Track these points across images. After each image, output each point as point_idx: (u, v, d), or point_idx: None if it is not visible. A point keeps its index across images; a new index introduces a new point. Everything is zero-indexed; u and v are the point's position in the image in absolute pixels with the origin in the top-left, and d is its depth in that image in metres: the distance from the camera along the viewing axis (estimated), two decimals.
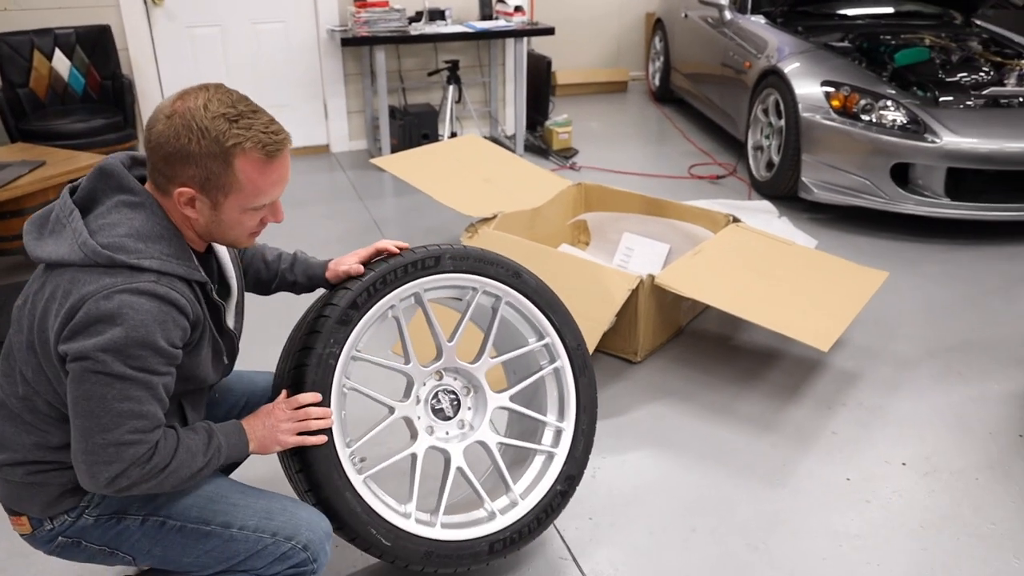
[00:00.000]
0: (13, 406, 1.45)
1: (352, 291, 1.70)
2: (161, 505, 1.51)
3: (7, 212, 3.40)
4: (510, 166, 3.71)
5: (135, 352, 1.31)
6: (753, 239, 3.05)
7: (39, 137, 4.23)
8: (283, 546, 1.52)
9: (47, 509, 1.49)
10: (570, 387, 1.96)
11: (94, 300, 1.30)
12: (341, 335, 1.68)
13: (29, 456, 1.45)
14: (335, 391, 1.67)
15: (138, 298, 1.31)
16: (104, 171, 1.41)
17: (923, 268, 3.60)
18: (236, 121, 1.35)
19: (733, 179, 4.78)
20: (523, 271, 1.90)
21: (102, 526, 1.51)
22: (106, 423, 1.32)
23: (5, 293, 3.00)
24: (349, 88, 5.31)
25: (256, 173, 1.38)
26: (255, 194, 1.40)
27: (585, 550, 2.05)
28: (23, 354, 1.41)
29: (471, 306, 1.87)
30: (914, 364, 2.86)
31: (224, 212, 1.41)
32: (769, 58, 4.46)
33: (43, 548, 1.55)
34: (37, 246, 1.39)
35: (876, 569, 1.98)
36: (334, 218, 4.26)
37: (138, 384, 1.33)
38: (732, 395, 2.68)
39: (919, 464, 2.35)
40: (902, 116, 3.83)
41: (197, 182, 1.37)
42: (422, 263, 1.77)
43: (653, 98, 6.78)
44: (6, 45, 4.44)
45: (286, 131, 1.43)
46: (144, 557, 1.55)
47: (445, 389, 1.88)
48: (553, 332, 1.94)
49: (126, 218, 1.38)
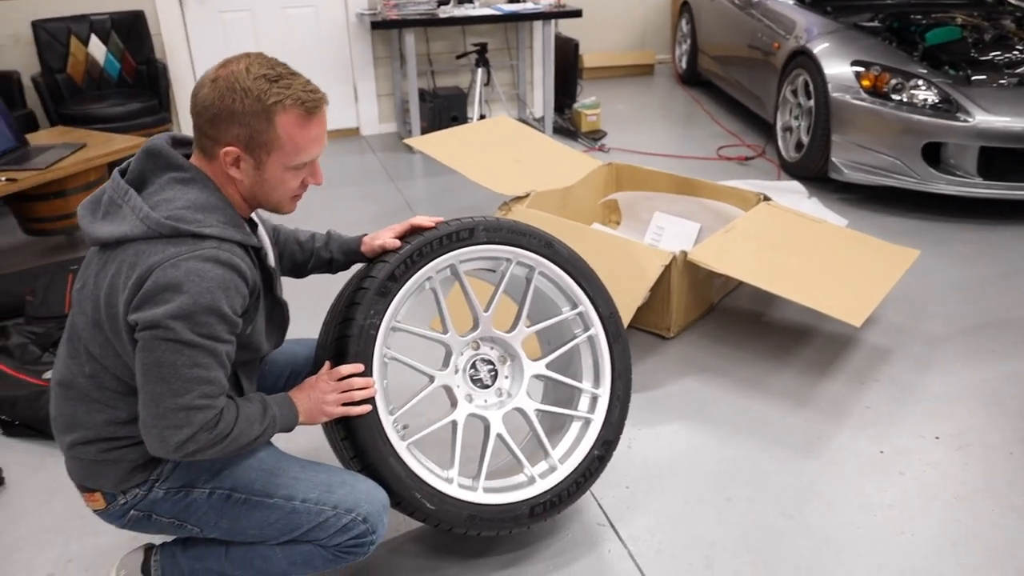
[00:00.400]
0: (81, 386, 1.50)
1: (390, 263, 1.74)
2: (226, 478, 1.57)
3: (51, 193, 3.49)
4: (541, 146, 3.74)
5: (202, 319, 1.36)
6: (784, 217, 3.06)
7: (77, 121, 4.32)
8: (344, 518, 1.58)
9: (119, 484, 1.54)
10: (605, 354, 2.00)
11: (161, 269, 1.35)
12: (381, 306, 1.72)
13: (101, 433, 1.51)
14: (377, 361, 1.72)
15: (203, 264, 1.37)
16: (151, 151, 1.47)
17: (954, 248, 3.60)
18: (276, 81, 1.42)
19: (762, 160, 4.78)
20: (555, 241, 1.94)
21: (171, 499, 1.57)
22: (177, 388, 1.37)
23: (50, 272, 3.08)
24: (378, 71, 5.36)
25: (296, 129, 1.44)
26: (295, 151, 1.45)
27: (622, 517, 2.09)
28: (88, 333, 1.46)
29: (505, 277, 1.91)
30: (946, 341, 2.87)
31: (267, 171, 1.46)
32: (798, 39, 4.44)
33: (116, 522, 1.61)
34: (95, 227, 1.44)
35: (909, 538, 2.01)
36: (366, 199, 4.32)
37: (205, 351, 1.38)
38: (765, 370, 2.71)
39: (952, 438, 2.37)
40: (934, 95, 3.81)
41: (242, 141, 1.43)
42: (457, 235, 1.81)
43: (680, 81, 6.77)
44: (44, 31, 4.53)
45: (323, 91, 1.49)
46: (211, 529, 1.60)
47: (482, 358, 1.92)
48: (586, 300, 1.97)
49: (180, 193, 1.44)
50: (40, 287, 2.97)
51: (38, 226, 3.60)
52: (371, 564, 1.95)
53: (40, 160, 3.38)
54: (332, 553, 1.61)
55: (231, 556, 1.65)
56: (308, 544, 1.61)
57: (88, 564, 1.99)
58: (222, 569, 1.66)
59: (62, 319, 2.86)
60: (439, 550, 2.00)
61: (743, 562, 1.94)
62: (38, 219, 3.57)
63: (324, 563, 1.63)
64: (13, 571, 1.97)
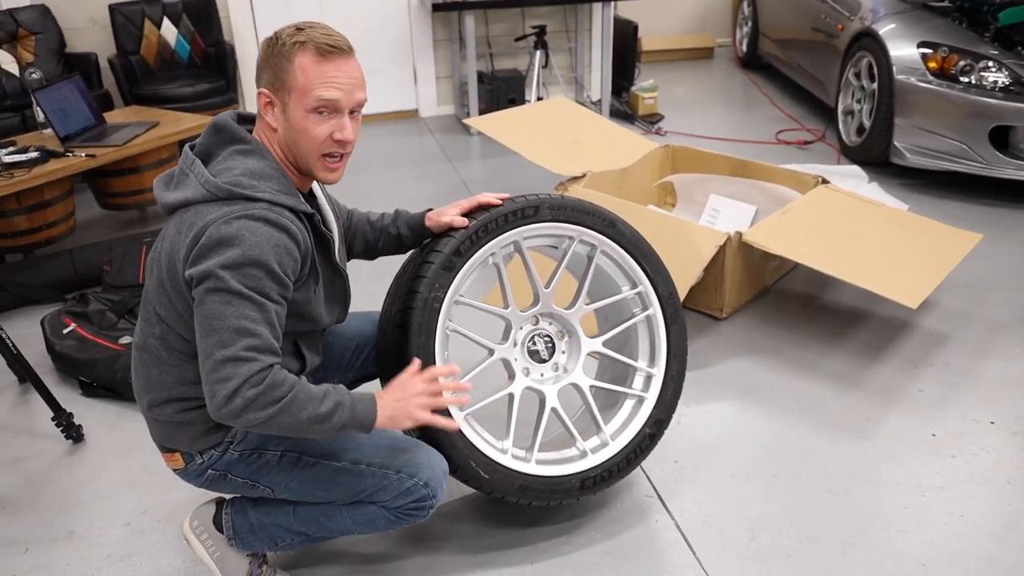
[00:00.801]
0: (152, 347, 1.60)
1: (455, 239, 1.79)
2: (296, 442, 1.66)
3: (126, 169, 3.66)
4: (598, 127, 3.77)
5: (250, 271, 1.44)
6: (842, 200, 3.04)
7: (149, 101, 4.49)
8: (407, 482, 1.65)
9: (195, 443, 1.64)
10: (661, 334, 2.02)
11: (215, 225, 1.45)
12: (445, 280, 1.78)
13: (174, 394, 1.60)
14: (439, 333, 1.78)
15: (254, 223, 1.46)
16: (218, 126, 1.58)
17: (1020, 234, 3.51)
18: (302, 29, 1.54)
19: (822, 144, 4.71)
20: (618, 221, 1.97)
21: (245, 460, 1.66)
22: (224, 339, 1.42)
23: (125, 244, 3.24)
24: (438, 54, 5.43)
25: (310, 69, 1.51)
26: (309, 87, 1.51)
27: (670, 490, 2.13)
28: (155, 295, 1.57)
29: (568, 254, 1.95)
30: (1006, 328, 2.82)
31: (290, 114, 1.53)
32: (863, 20, 4.36)
33: (194, 481, 1.71)
34: (166, 195, 1.56)
35: (959, 520, 2.01)
36: (424, 179, 4.40)
37: (253, 304, 1.44)
38: (818, 352, 2.71)
39: (1008, 424, 2.35)
40: (1004, 77, 3.71)
41: (270, 83, 1.54)
42: (522, 212, 1.85)
43: (740, 64, 6.68)
44: (120, 14, 4.71)
45: (346, 40, 1.55)
46: (282, 490, 1.69)
47: (541, 333, 1.97)
48: (646, 280, 2.00)
49: (240, 162, 1.54)
50: (116, 258, 3.13)
51: (114, 201, 3.78)
52: (427, 527, 2.03)
53: (117, 137, 3.54)
54: (394, 515, 1.69)
55: (298, 513, 1.74)
56: (372, 505, 1.69)
57: (161, 516, 2.11)
58: (289, 525, 1.75)
59: (137, 288, 3.01)
60: (492, 518, 2.07)
61: (788, 536, 1.97)
62: (114, 194, 3.74)
63: (386, 524, 1.71)
64: (94, 519, 2.12)
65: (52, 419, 2.38)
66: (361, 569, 1.93)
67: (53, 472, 2.29)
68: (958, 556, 1.90)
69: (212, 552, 1.83)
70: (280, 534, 1.78)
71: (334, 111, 1.54)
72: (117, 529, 2.08)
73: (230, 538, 1.80)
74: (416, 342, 1.75)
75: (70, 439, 2.40)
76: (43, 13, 4.56)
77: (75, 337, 2.70)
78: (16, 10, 4.48)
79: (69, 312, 2.82)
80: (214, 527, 1.83)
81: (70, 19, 4.76)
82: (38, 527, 2.10)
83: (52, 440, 2.42)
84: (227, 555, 1.83)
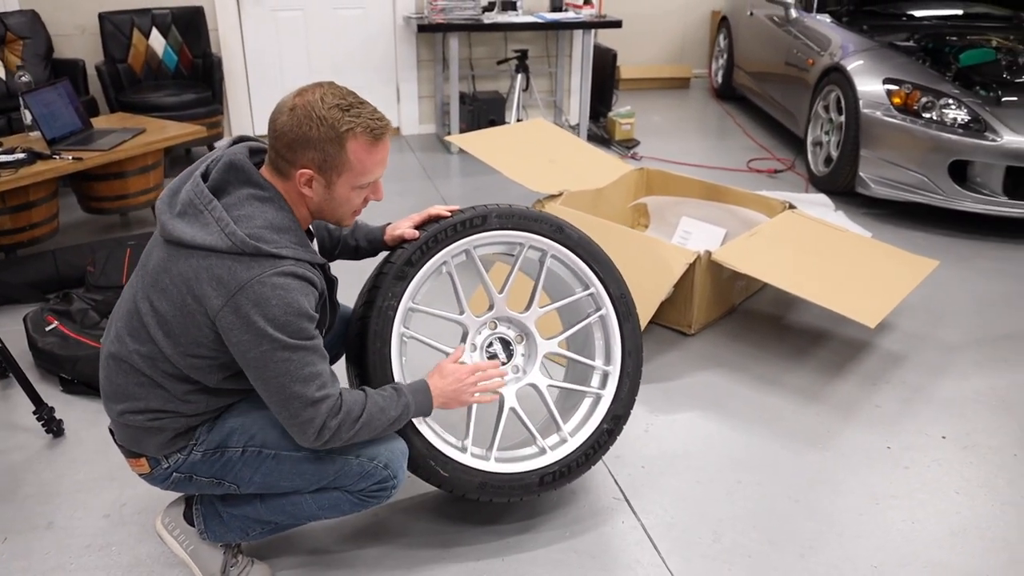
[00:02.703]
0: (135, 362, 1.63)
1: (407, 250, 1.90)
2: (256, 437, 1.71)
3: (111, 174, 3.71)
4: (575, 149, 3.88)
5: (294, 322, 1.53)
6: (808, 224, 3.17)
7: (135, 108, 4.55)
8: (367, 465, 1.72)
9: (162, 449, 1.70)
10: (615, 333, 2.10)
11: (251, 287, 1.51)
12: (398, 289, 1.88)
13: (152, 405, 1.65)
14: (395, 339, 1.88)
15: (286, 279, 1.54)
16: (234, 165, 1.61)
17: (976, 263, 3.68)
18: (348, 110, 1.57)
19: (791, 173, 4.88)
20: (566, 226, 2.04)
21: (208, 460, 1.72)
22: (297, 391, 1.56)
23: (108, 246, 3.28)
24: (421, 74, 5.55)
25: (364, 153, 1.59)
26: (363, 172, 1.61)
27: (637, 492, 2.22)
28: (153, 319, 1.59)
29: (519, 260, 2.03)
30: (960, 349, 2.96)
31: (336, 190, 1.62)
32: (832, 55, 4.55)
33: (160, 485, 1.76)
34: (173, 224, 1.57)
35: (911, 526, 2.11)
36: (404, 195, 4.49)
37: (305, 350, 1.56)
38: (781, 368, 2.82)
39: (959, 438, 2.47)
40: (963, 114, 3.89)
41: (316, 164, 1.58)
42: (470, 222, 1.94)
43: (715, 95, 6.88)
44: (110, 23, 4.78)
45: (388, 119, 1.64)
46: (247, 484, 1.75)
47: (499, 337, 2.06)
48: (597, 282, 2.08)
49: (259, 211, 1.59)
50: (100, 260, 3.17)
51: (97, 205, 3.82)
52: (391, 527, 2.10)
53: (104, 142, 3.59)
54: (357, 498, 1.76)
55: (266, 503, 1.80)
56: (336, 491, 1.75)
57: (140, 508, 2.16)
58: (258, 515, 1.81)
59: (119, 289, 3.05)
60: (454, 516, 2.14)
61: (749, 538, 2.06)
62: (98, 198, 3.78)
63: (351, 507, 1.77)
64: (74, 510, 2.15)
65: (33, 413, 2.41)
66: (322, 560, 1.99)
67: (34, 464, 2.33)
68: (908, 560, 2.00)
69: (186, 546, 1.88)
70: (250, 525, 1.84)
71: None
72: (96, 520, 2.12)
73: (201, 532, 1.85)
74: (372, 348, 1.85)
75: (51, 433, 2.44)
76: (32, 18, 4.61)
77: (57, 334, 2.74)
78: (5, 14, 4.53)
79: (52, 310, 2.86)
80: (185, 522, 1.89)
81: (59, 25, 4.82)
82: (17, 517, 2.13)
83: (33, 434, 2.45)
84: (200, 548, 1.88)
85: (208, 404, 1.69)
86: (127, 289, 1.70)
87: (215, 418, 1.73)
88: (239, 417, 1.73)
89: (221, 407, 1.72)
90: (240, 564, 1.89)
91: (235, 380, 1.68)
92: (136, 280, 1.67)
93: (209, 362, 1.62)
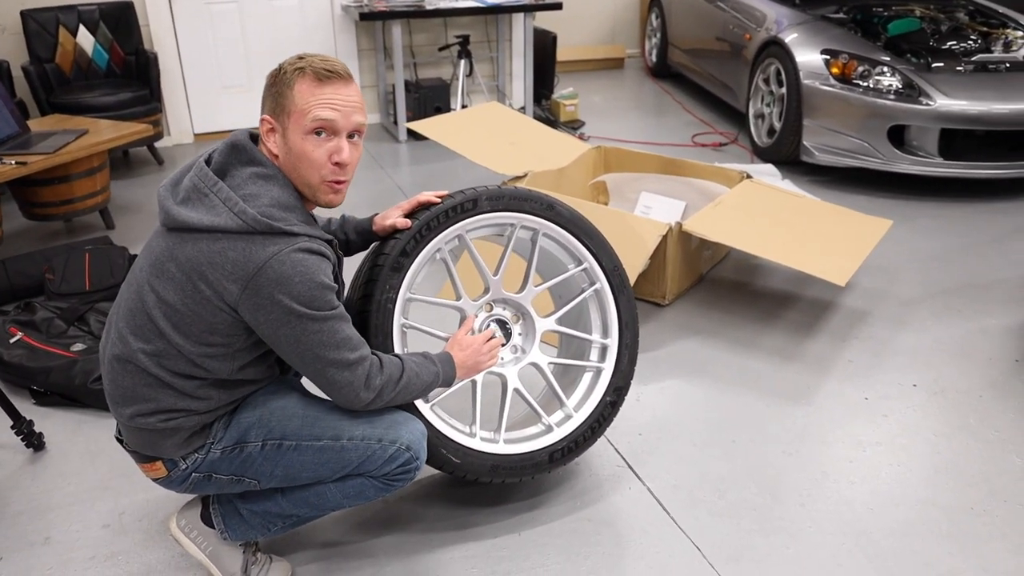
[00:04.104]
0: (141, 361, 1.59)
1: (401, 240, 1.87)
2: (275, 429, 1.69)
3: (55, 178, 3.57)
4: (533, 131, 3.91)
5: (316, 295, 1.53)
6: (767, 192, 3.28)
7: (69, 110, 4.36)
8: (390, 449, 1.70)
9: (179, 450, 1.66)
10: (611, 306, 2.14)
11: (270, 266, 1.50)
12: (395, 281, 1.86)
13: (164, 405, 1.61)
14: (396, 332, 1.87)
15: (303, 255, 1.53)
16: (236, 145, 1.60)
17: (919, 223, 3.86)
18: (302, 57, 1.62)
19: (735, 147, 5.02)
20: (556, 203, 2.05)
21: (228, 457, 1.68)
22: (334, 357, 1.59)
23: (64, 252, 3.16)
24: (363, 63, 5.48)
25: (307, 92, 1.57)
26: (306, 109, 1.57)
27: (639, 459, 2.28)
28: (160, 310, 1.56)
29: (511, 241, 2.04)
30: (917, 303, 3.12)
31: (289, 138, 1.59)
32: (769, 30, 4.69)
33: (177, 488, 1.72)
34: (179, 211, 1.55)
35: (897, 468, 2.23)
36: (357, 185, 4.45)
37: (331, 319, 1.57)
38: (755, 332, 2.92)
39: (928, 385, 2.61)
40: (898, 81, 4.08)
41: (272, 110, 1.61)
42: (461, 207, 1.93)
43: (650, 73, 7.00)
44: (33, 21, 4.57)
45: (344, 66, 1.62)
46: (268, 479, 1.72)
47: (496, 319, 2.07)
48: (590, 257, 2.10)
49: (264, 190, 1.57)
50: (58, 267, 3.05)
51: (41, 211, 3.67)
52: (402, 515, 2.10)
53: (46, 145, 3.45)
54: (382, 482, 1.74)
55: (287, 496, 1.77)
56: (359, 477, 1.73)
57: (140, 515, 2.10)
58: (279, 510, 1.78)
59: (84, 295, 2.95)
60: (464, 500, 2.16)
61: (751, 492, 2.14)
62: (42, 204, 3.64)
63: (376, 492, 1.75)
64: (71, 523, 2.09)
65: (11, 428, 2.32)
66: (339, 551, 1.99)
67: (19, 480, 2.24)
68: (899, 499, 2.12)
69: (205, 548, 1.84)
70: (271, 520, 1.80)
71: (332, 133, 1.59)
72: (96, 531, 2.06)
73: (222, 531, 1.81)
74: (374, 343, 1.83)
75: (31, 447, 2.35)
76: None
77: (23, 346, 2.63)
78: None
79: (15, 321, 2.75)
80: (203, 523, 1.84)
81: None
82: (10, 535, 2.05)
83: (12, 450, 2.36)
84: (220, 549, 1.84)
85: (221, 398, 1.66)
86: (126, 288, 1.66)
87: (230, 413, 1.70)
88: (255, 410, 1.70)
89: (235, 401, 1.69)
90: (260, 562, 1.87)
91: (249, 370, 1.66)
92: (137, 276, 1.63)
93: (223, 350, 1.59)
